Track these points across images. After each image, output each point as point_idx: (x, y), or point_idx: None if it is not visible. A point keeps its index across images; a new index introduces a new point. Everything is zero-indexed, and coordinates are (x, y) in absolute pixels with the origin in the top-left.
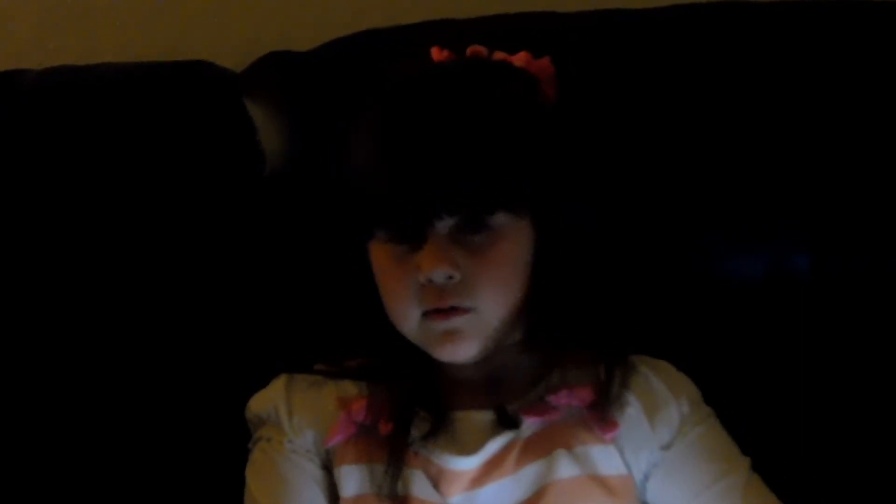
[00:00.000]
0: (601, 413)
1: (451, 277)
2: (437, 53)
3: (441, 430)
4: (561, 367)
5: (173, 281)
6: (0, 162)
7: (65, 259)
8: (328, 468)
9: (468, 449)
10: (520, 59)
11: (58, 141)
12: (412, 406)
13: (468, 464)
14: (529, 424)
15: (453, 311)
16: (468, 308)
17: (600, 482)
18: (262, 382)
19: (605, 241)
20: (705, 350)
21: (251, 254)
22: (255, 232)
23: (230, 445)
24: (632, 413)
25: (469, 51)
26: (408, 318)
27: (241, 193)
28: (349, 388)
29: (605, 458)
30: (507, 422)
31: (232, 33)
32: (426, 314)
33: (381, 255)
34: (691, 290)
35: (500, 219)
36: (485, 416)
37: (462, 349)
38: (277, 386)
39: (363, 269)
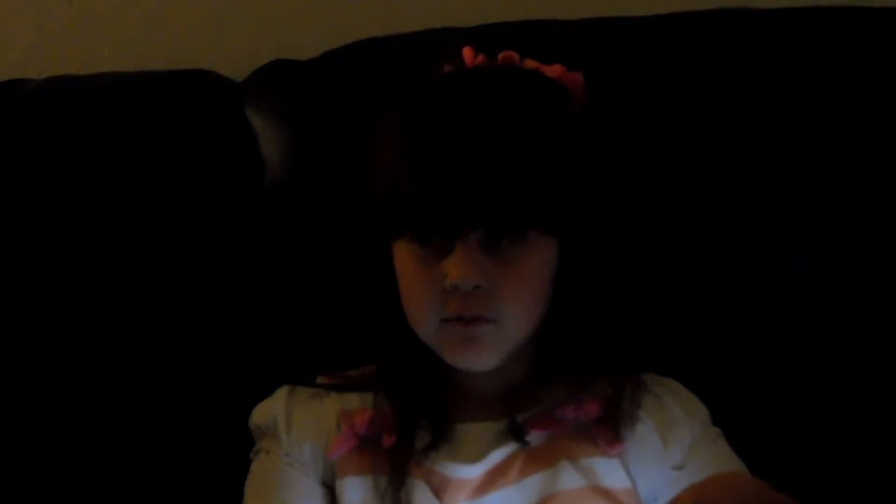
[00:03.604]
0: (608, 428)
1: (477, 287)
2: (469, 56)
3: (444, 440)
4: (570, 380)
5: (175, 289)
6: (1, 172)
7: (67, 269)
8: (327, 482)
9: (471, 457)
10: (554, 70)
11: (59, 150)
12: (416, 417)
13: (471, 472)
14: (534, 437)
15: (474, 320)
16: (491, 319)
17: (604, 493)
18: (267, 390)
19: (626, 259)
20: (704, 353)
21: (252, 262)
22: (256, 240)
23: (235, 453)
24: (643, 431)
25: (501, 56)
26: (426, 322)
27: (243, 202)
28: (352, 399)
29: (609, 470)
30: (516, 434)
31: (233, 42)
32: (446, 320)
33: (406, 256)
34: (688, 292)
35: (532, 233)
36: (490, 427)
37: (481, 358)
38: (279, 397)
39: (383, 269)
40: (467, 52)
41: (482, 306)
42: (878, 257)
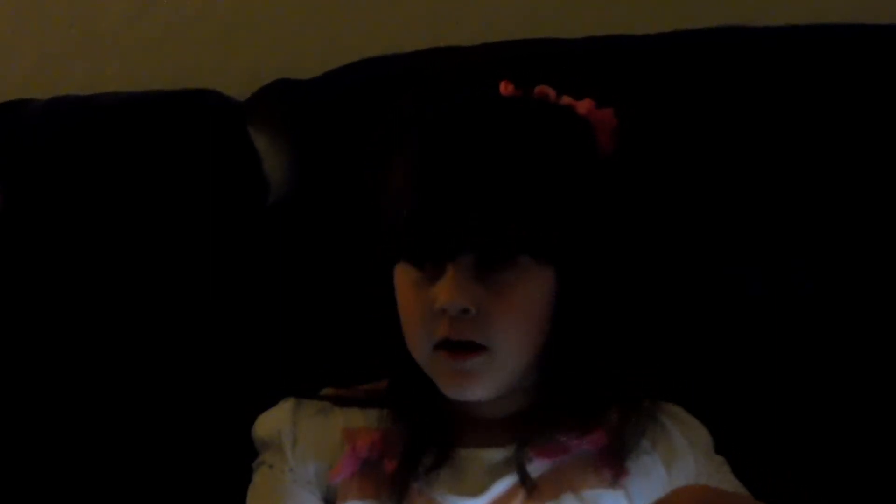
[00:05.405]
0: (613, 459)
1: (466, 311)
2: (504, 88)
3: (446, 468)
4: (576, 408)
5: (178, 307)
6: (6, 192)
7: (70, 286)
8: (329, 500)
9: (473, 490)
10: (583, 106)
11: (63, 170)
12: (420, 445)
13: None
14: (537, 466)
15: (466, 352)
16: (482, 346)
17: None
18: (267, 403)
19: (630, 283)
20: (704, 360)
21: (255, 281)
22: (258, 259)
23: (237, 461)
24: (648, 461)
25: (536, 90)
26: (420, 347)
27: (245, 221)
28: (356, 417)
29: (612, 503)
30: (521, 466)
31: (236, 62)
32: (438, 346)
33: (403, 278)
34: (687, 299)
35: (524, 260)
36: (493, 456)
37: (472, 390)
38: (284, 410)
39: (385, 291)
40: (502, 86)
41: (471, 331)
42: (879, 261)
